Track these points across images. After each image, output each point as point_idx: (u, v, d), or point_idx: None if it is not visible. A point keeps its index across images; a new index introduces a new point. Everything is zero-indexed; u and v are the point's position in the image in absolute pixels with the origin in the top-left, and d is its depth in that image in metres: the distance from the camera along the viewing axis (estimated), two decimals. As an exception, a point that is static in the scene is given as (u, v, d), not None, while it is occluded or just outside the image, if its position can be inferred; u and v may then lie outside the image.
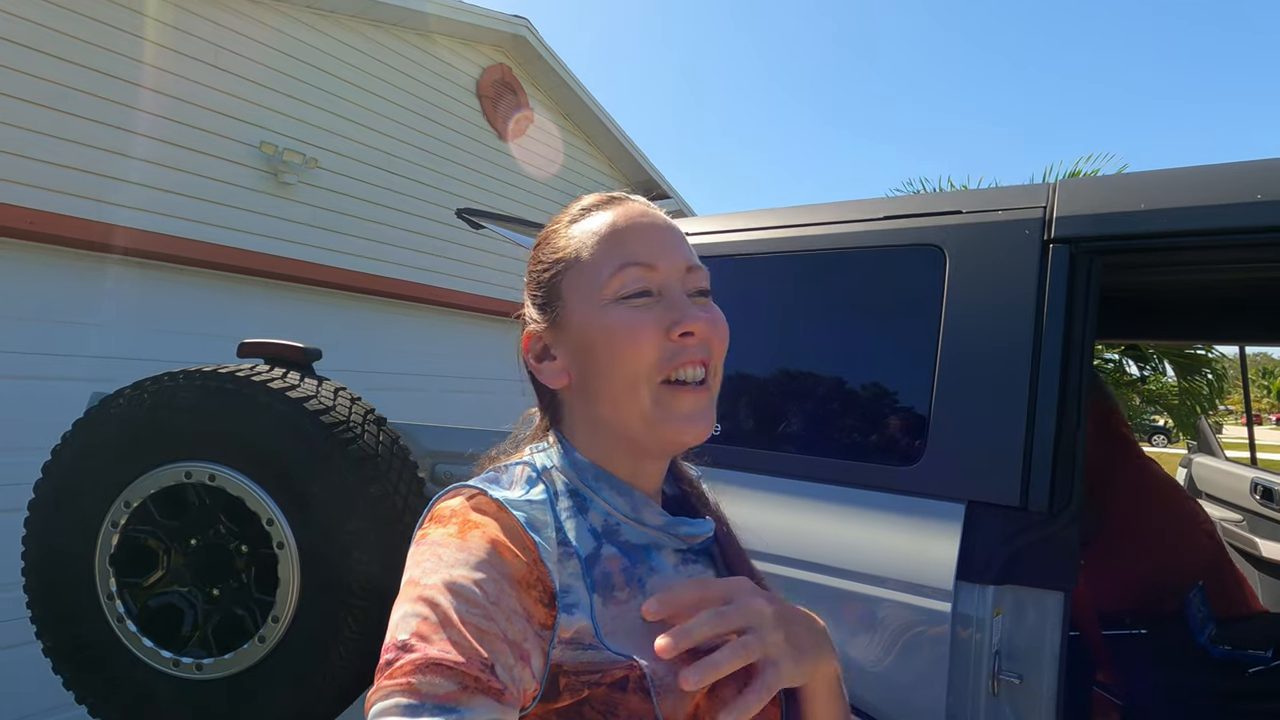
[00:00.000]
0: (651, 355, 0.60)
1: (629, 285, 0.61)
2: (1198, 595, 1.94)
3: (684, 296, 0.63)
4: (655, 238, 0.64)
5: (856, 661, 1.17)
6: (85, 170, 3.30)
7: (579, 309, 0.63)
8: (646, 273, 0.62)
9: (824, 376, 1.38)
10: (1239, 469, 3.22)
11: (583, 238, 0.64)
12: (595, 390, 0.62)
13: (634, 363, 0.60)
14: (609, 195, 0.68)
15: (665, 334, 0.60)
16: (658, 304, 0.62)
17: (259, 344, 1.72)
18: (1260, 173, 1.12)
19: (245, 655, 1.45)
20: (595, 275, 0.62)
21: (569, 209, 0.68)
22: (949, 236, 1.27)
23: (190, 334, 3.69)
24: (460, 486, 0.58)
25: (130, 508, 1.52)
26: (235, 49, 3.95)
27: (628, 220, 0.64)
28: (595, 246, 0.63)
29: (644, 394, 0.60)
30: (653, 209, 0.67)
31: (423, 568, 0.51)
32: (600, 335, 0.61)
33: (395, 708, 0.45)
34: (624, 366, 0.60)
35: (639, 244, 0.63)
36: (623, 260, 0.62)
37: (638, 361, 0.60)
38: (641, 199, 0.68)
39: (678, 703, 0.56)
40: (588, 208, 0.67)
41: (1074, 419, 1.14)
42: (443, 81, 5.26)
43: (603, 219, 0.65)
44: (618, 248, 0.62)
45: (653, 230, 0.64)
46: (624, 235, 0.63)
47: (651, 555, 0.63)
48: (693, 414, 0.61)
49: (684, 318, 0.60)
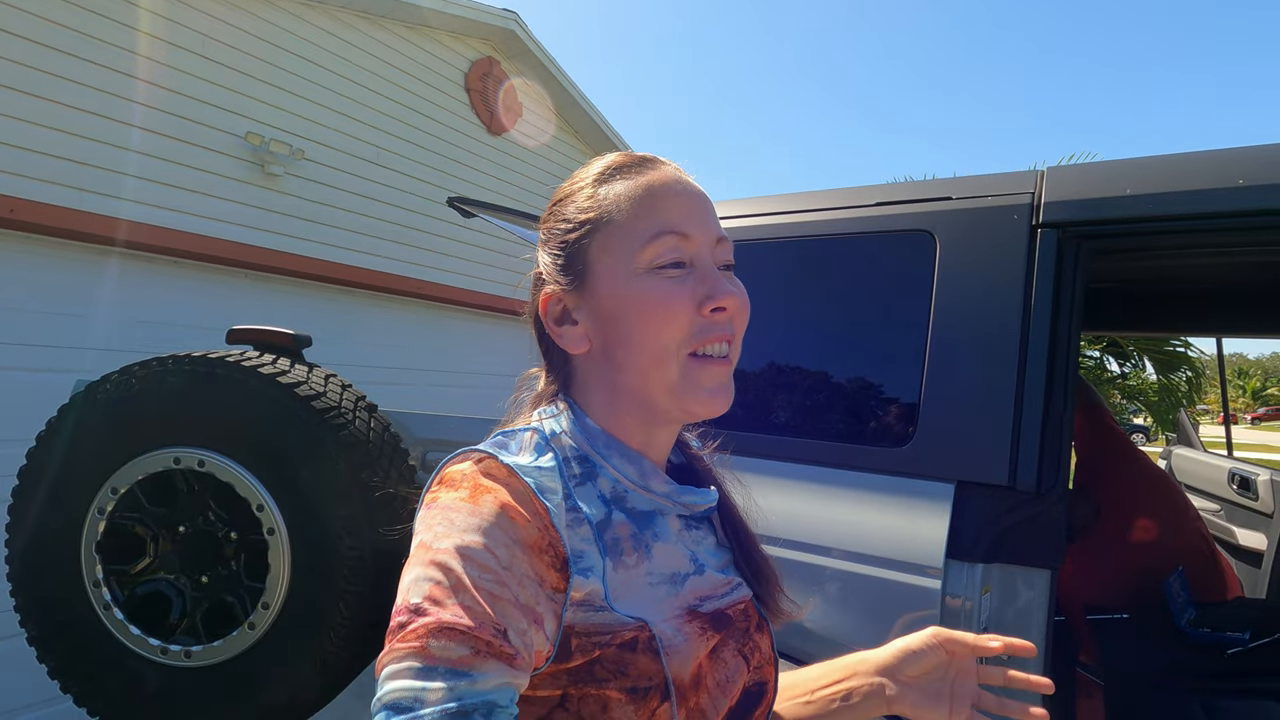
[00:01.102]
0: (683, 328, 0.60)
1: (664, 255, 0.60)
2: (1178, 580, 1.98)
3: (715, 269, 0.62)
4: (691, 206, 0.62)
5: (848, 639, 1.18)
6: (66, 158, 3.25)
7: (609, 275, 0.61)
8: (681, 242, 0.60)
9: (817, 360, 1.39)
10: (1217, 460, 3.28)
11: (615, 199, 0.62)
12: (621, 359, 0.61)
13: (665, 335, 0.59)
14: (641, 155, 0.66)
15: (698, 308, 0.60)
16: (690, 276, 0.61)
17: (248, 330, 1.70)
18: (1241, 158, 1.14)
19: (235, 642, 1.44)
20: (628, 241, 0.60)
21: (592, 165, 0.66)
22: (940, 222, 1.29)
23: (174, 325, 3.65)
24: (469, 450, 0.58)
25: (117, 494, 1.51)
26: (223, 39, 3.90)
27: (664, 185, 0.62)
28: (629, 210, 0.61)
29: (672, 366, 0.60)
30: (685, 174, 0.65)
31: (434, 531, 0.51)
32: (632, 305, 0.60)
33: (408, 670, 0.44)
34: (655, 338, 0.59)
35: (675, 212, 0.61)
36: (659, 228, 0.60)
37: (669, 334, 0.59)
38: (673, 163, 0.66)
39: (684, 662, 0.57)
40: (618, 166, 0.64)
41: (1061, 400, 1.16)
42: (431, 74, 5.23)
43: (637, 181, 0.62)
44: (653, 214, 0.61)
45: (688, 197, 0.63)
46: (660, 201, 0.61)
47: (656, 521, 0.64)
48: (716, 387, 0.61)
49: (717, 292, 0.60)
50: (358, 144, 4.68)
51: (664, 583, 0.61)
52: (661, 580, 0.61)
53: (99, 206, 3.33)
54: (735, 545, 0.71)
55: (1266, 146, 1.16)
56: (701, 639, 0.60)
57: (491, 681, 0.45)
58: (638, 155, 0.66)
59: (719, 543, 0.71)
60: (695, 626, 0.60)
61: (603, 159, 0.66)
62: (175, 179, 3.69)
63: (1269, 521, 2.81)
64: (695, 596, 0.62)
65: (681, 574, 0.63)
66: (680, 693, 0.56)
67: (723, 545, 0.71)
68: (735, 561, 0.70)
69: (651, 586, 0.60)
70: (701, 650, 0.59)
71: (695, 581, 0.63)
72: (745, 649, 0.64)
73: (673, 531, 0.65)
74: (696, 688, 0.58)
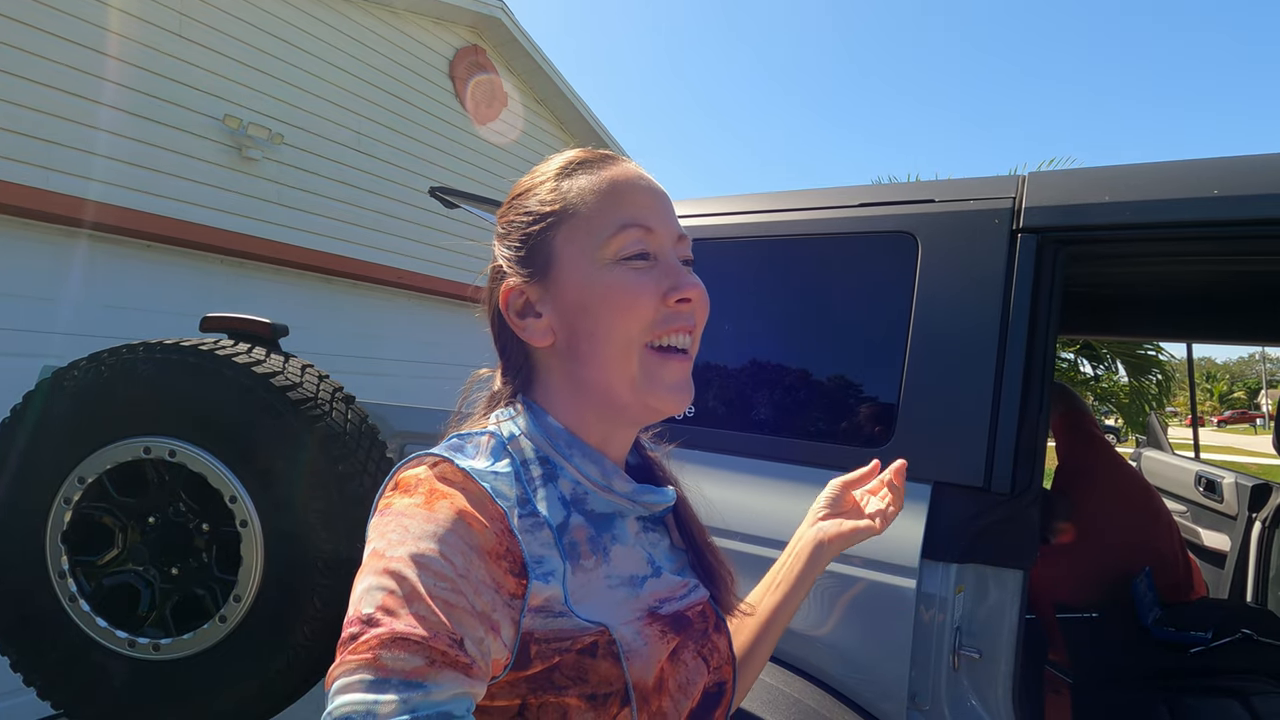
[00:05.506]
0: (647, 318, 0.60)
1: (630, 246, 0.61)
2: (1144, 580, 2.03)
3: (678, 263, 0.63)
4: (654, 201, 0.64)
5: (823, 636, 1.19)
6: (33, 135, 3.16)
7: (574, 266, 0.61)
8: (646, 235, 0.61)
9: (796, 360, 1.40)
10: (1184, 462, 3.36)
11: (579, 193, 0.63)
12: (585, 352, 0.61)
13: (630, 325, 0.60)
14: (601, 152, 0.66)
15: (662, 299, 0.61)
16: (654, 267, 0.61)
17: (223, 318, 1.67)
18: (1217, 169, 1.16)
19: (205, 635, 1.42)
20: (594, 233, 0.61)
21: (552, 161, 0.66)
22: (921, 224, 1.30)
23: (145, 311, 3.57)
24: (423, 454, 0.57)
25: (84, 484, 1.47)
26: (201, 19, 3.82)
27: (627, 180, 0.63)
28: (595, 203, 0.62)
29: (634, 359, 0.60)
30: (645, 171, 0.67)
31: (388, 539, 0.50)
32: (599, 295, 0.60)
33: (359, 684, 0.43)
34: (620, 329, 0.60)
35: (640, 206, 0.62)
36: (624, 220, 0.61)
37: (633, 324, 0.60)
38: (633, 160, 0.67)
39: (646, 666, 0.57)
40: (582, 162, 0.65)
41: (1037, 403, 1.18)
42: (415, 61, 5.16)
43: (601, 175, 0.63)
44: (619, 207, 0.62)
45: (651, 193, 0.64)
46: (625, 195, 0.62)
47: (615, 523, 0.63)
48: (677, 383, 0.62)
49: (681, 284, 0.61)
50: (338, 129, 4.61)
51: (622, 585, 0.61)
52: (620, 583, 0.60)
53: (68, 186, 3.24)
54: (690, 545, 0.72)
55: (1240, 158, 1.19)
56: (662, 642, 0.60)
57: (447, 692, 0.44)
58: (599, 152, 0.66)
59: (673, 544, 0.71)
60: (655, 629, 0.60)
61: (562, 155, 0.67)
62: (149, 160, 3.61)
63: (1233, 523, 2.89)
64: (654, 599, 0.62)
65: (640, 576, 0.62)
66: (642, 697, 0.56)
67: (677, 547, 0.71)
68: (691, 562, 0.71)
69: (610, 589, 0.59)
70: (662, 653, 0.59)
71: (653, 584, 0.63)
72: (704, 650, 0.64)
73: (631, 534, 0.65)
74: (659, 691, 0.58)
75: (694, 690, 0.61)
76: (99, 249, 3.44)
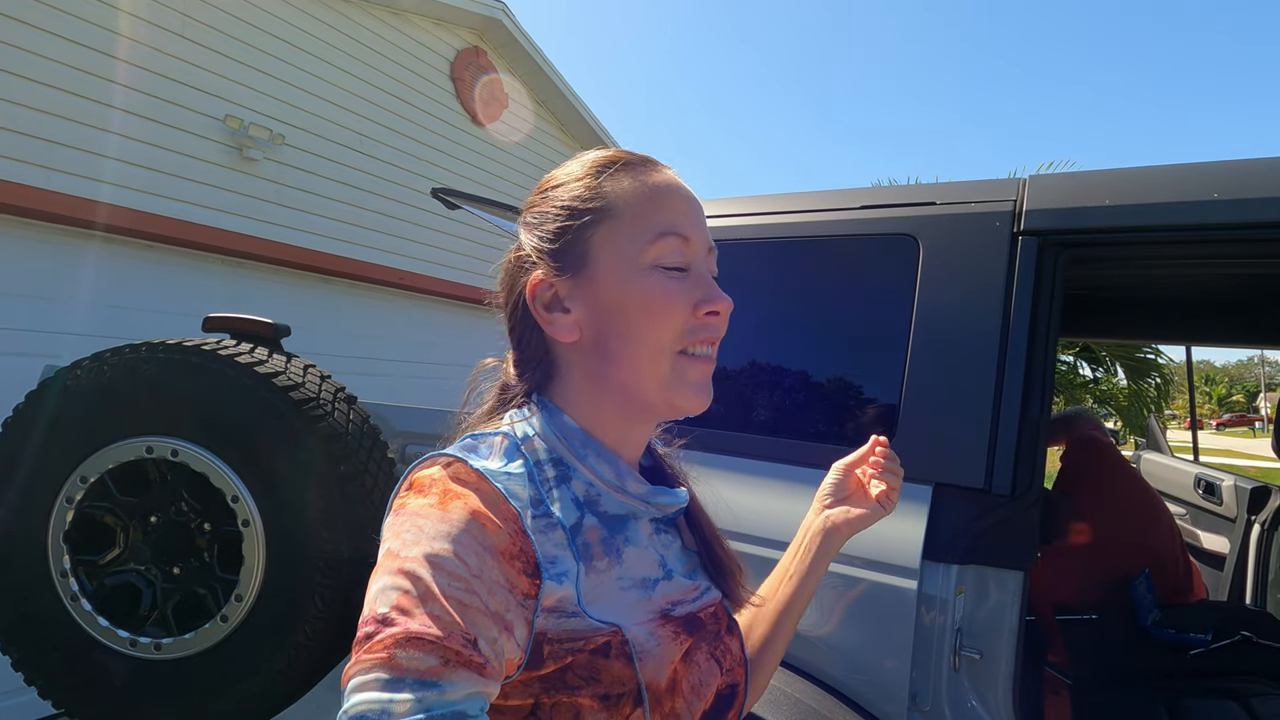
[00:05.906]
0: (678, 327, 0.61)
1: (669, 255, 0.61)
2: (1144, 582, 2.03)
3: (709, 275, 0.64)
4: (692, 211, 0.64)
5: (825, 637, 1.19)
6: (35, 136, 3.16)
7: (612, 267, 0.61)
8: (684, 245, 0.62)
9: (797, 361, 1.40)
10: (1183, 465, 3.36)
11: (620, 193, 0.62)
12: (615, 351, 0.61)
13: (663, 332, 0.61)
14: (642, 155, 0.66)
15: (693, 309, 0.61)
16: (688, 277, 0.62)
17: (225, 318, 1.67)
18: (1216, 173, 1.17)
19: (207, 635, 1.42)
20: (635, 235, 0.61)
21: (587, 156, 0.66)
22: (923, 227, 1.30)
23: (147, 311, 3.58)
24: (437, 455, 0.57)
25: (87, 483, 1.48)
26: (203, 19, 3.82)
27: (669, 187, 0.64)
28: (637, 206, 0.62)
29: (664, 362, 0.61)
30: (683, 181, 0.67)
31: (403, 539, 0.50)
32: (634, 299, 0.60)
33: (375, 682, 0.43)
34: (653, 334, 0.60)
35: (680, 214, 0.63)
36: (664, 228, 0.61)
37: (665, 331, 0.61)
38: (670, 167, 0.67)
39: (659, 667, 0.57)
40: (623, 162, 0.65)
41: (1037, 405, 1.18)
42: (416, 62, 5.17)
43: (644, 179, 0.63)
44: (660, 213, 0.62)
45: (690, 202, 0.65)
46: (666, 202, 0.63)
47: (628, 525, 0.63)
48: (700, 383, 0.63)
49: (713, 297, 0.62)
50: (339, 130, 4.62)
51: (635, 587, 0.61)
52: (632, 585, 0.61)
53: (68, 186, 3.24)
54: (701, 545, 0.72)
55: (1240, 161, 1.19)
56: (674, 643, 0.60)
57: (461, 691, 0.44)
58: (639, 154, 0.66)
59: (684, 546, 0.71)
60: (668, 631, 0.60)
61: (601, 152, 0.66)
62: (150, 160, 3.61)
63: (1232, 525, 2.89)
64: (666, 601, 0.63)
65: (652, 579, 0.63)
66: (655, 698, 0.56)
67: (688, 548, 0.72)
68: (702, 563, 0.71)
69: (623, 591, 0.60)
70: (675, 654, 0.59)
71: (665, 587, 0.63)
72: (717, 652, 0.64)
73: (644, 536, 0.65)
74: (672, 692, 0.58)
75: (707, 692, 0.62)
76: (101, 249, 3.44)
